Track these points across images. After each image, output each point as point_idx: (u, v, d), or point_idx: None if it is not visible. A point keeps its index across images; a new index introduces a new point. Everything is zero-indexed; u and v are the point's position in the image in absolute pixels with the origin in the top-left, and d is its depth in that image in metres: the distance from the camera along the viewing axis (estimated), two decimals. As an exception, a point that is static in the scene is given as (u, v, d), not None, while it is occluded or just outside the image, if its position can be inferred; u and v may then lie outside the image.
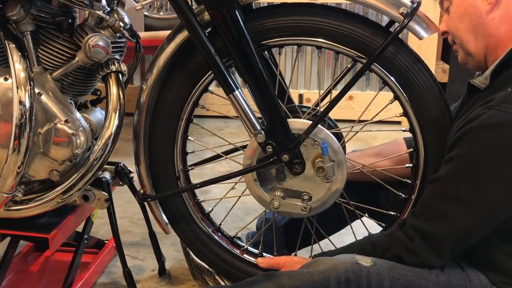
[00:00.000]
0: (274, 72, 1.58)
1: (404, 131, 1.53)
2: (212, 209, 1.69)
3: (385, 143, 1.77)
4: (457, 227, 1.26)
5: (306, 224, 1.63)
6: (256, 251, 1.68)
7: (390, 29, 1.44)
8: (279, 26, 1.44)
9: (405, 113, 1.47)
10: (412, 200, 1.52)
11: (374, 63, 1.42)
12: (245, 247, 1.68)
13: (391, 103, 1.51)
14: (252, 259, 1.66)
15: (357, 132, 1.58)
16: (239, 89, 1.43)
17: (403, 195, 1.55)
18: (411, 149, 1.51)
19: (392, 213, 1.58)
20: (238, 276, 1.66)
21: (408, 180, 1.55)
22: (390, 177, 1.57)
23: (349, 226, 1.79)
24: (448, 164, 1.29)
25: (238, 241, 1.70)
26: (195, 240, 1.67)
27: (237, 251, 1.67)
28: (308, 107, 1.54)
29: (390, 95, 1.49)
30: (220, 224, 1.69)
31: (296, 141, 1.45)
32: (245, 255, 1.67)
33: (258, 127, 1.45)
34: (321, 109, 1.50)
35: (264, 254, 1.67)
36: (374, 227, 1.64)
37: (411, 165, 1.52)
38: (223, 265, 1.67)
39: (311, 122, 1.45)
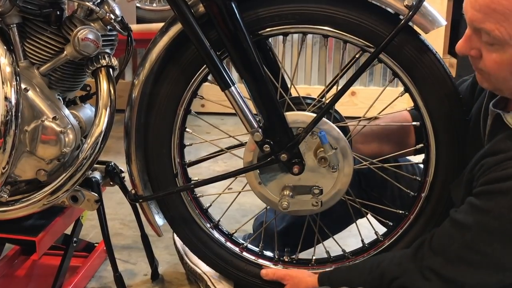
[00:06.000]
0: (274, 64, 1.59)
1: (414, 124, 1.53)
2: (211, 205, 1.70)
3: (387, 117, 1.70)
4: (481, 280, 1.29)
5: (308, 225, 1.63)
6: (256, 249, 1.69)
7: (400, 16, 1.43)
8: (283, 14, 1.44)
9: (416, 107, 1.48)
10: (421, 198, 1.53)
11: (382, 52, 1.42)
12: (245, 244, 1.68)
13: (401, 95, 1.52)
14: (251, 257, 1.67)
15: (364, 126, 1.59)
16: (236, 85, 1.43)
17: (412, 192, 1.56)
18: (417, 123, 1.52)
19: (400, 211, 1.58)
20: (237, 275, 1.67)
21: (418, 178, 1.57)
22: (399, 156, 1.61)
23: (351, 228, 1.80)
24: (477, 210, 1.27)
25: (237, 239, 1.71)
26: (192, 236, 1.67)
27: (236, 249, 1.68)
28: (314, 99, 1.55)
29: (396, 90, 1.49)
30: (219, 220, 1.70)
31: (295, 140, 1.45)
32: (244, 253, 1.68)
33: (255, 125, 1.45)
34: (326, 102, 1.51)
35: (265, 252, 1.68)
36: (378, 228, 1.66)
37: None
38: (221, 263, 1.68)
39: (314, 115, 1.45)
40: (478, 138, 1.41)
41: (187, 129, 1.61)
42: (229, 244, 1.68)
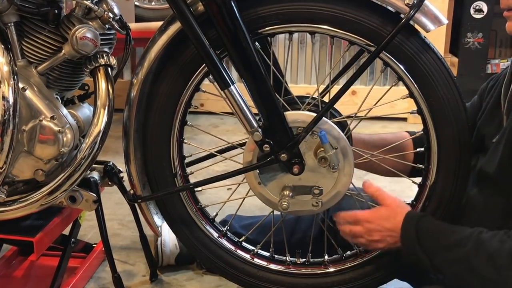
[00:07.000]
0: (268, 63, 1.59)
1: (411, 113, 1.53)
2: (217, 214, 1.69)
3: (387, 134, 1.75)
4: None
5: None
6: (267, 254, 1.69)
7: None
8: (281, 13, 1.43)
9: (411, 95, 1.47)
10: (427, 186, 1.53)
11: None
12: (255, 251, 1.68)
13: (395, 85, 1.52)
14: (263, 262, 1.67)
15: (361, 119, 1.58)
16: (235, 84, 1.43)
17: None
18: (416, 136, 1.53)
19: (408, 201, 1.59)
20: (250, 282, 1.67)
21: (420, 166, 1.56)
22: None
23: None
24: None
25: (247, 245, 1.71)
26: (202, 247, 1.67)
27: (247, 256, 1.68)
28: (308, 97, 1.55)
29: (395, 90, 1.49)
30: (227, 229, 1.69)
31: (295, 139, 1.45)
32: (255, 259, 1.68)
33: (255, 125, 1.45)
34: (324, 100, 1.51)
35: (276, 256, 1.68)
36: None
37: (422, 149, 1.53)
38: (233, 271, 1.67)
39: (314, 114, 1.45)
40: (495, 115, 1.48)
41: (185, 141, 1.60)
42: (239, 252, 1.68)
